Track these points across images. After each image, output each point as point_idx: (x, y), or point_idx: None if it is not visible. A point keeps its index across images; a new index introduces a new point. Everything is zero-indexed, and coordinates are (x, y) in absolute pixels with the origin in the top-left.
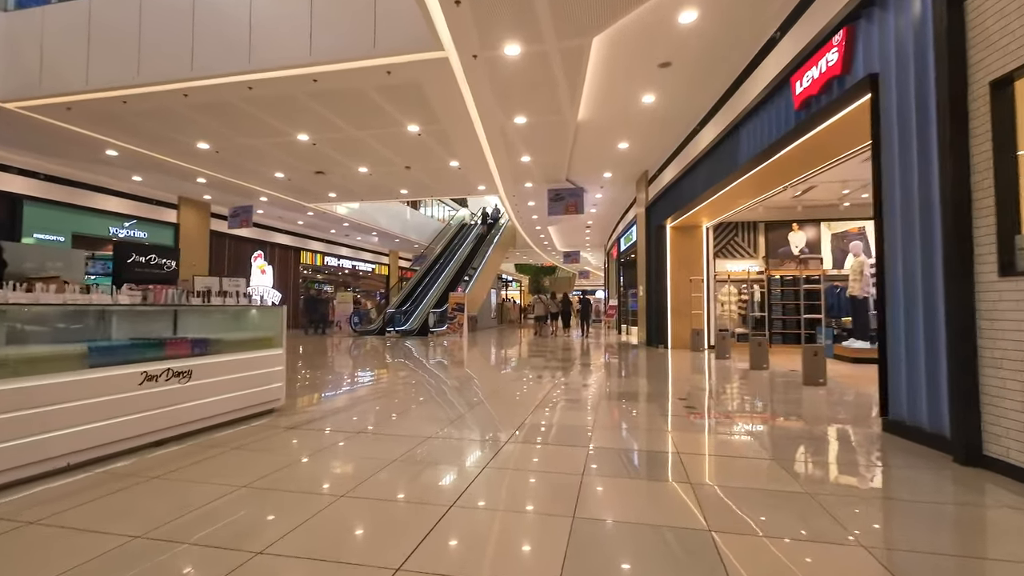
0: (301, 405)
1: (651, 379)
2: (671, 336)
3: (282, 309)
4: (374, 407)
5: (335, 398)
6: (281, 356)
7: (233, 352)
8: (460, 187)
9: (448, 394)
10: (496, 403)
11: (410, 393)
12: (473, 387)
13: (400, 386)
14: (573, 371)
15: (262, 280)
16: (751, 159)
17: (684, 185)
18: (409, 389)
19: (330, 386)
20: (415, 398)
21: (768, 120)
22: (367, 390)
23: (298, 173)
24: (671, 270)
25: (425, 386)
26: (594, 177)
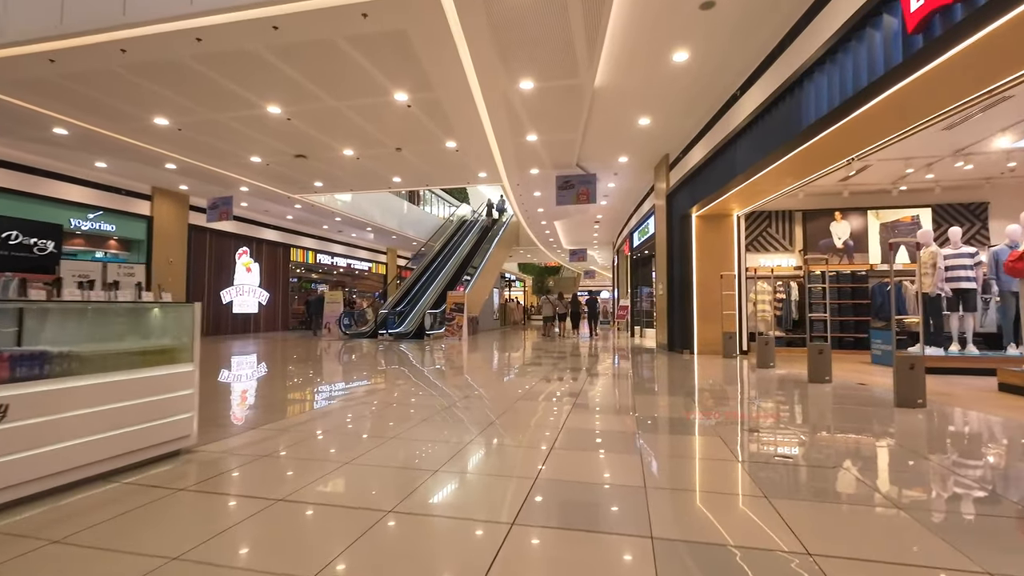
0: (226, 442)
1: (697, 397)
2: (697, 340)
3: (192, 308)
4: (328, 447)
5: (280, 430)
6: (190, 375)
7: (103, 372)
8: (459, 174)
9: (434, 424)
10: (497, 438)
11: (383, 422)
12: (466, 410)
13: (374, 409)
14: (593, 387)
15: (248, 279)
16: (822, 118)
17: (715, 166)
18: (384, 415)
19: (280, 410)
20: (387, 431)
21: (854, 62)
22: (328, 417)
23: (277, 157)
24: (697, 265)
25: (405, 409)
26: (608, 162)
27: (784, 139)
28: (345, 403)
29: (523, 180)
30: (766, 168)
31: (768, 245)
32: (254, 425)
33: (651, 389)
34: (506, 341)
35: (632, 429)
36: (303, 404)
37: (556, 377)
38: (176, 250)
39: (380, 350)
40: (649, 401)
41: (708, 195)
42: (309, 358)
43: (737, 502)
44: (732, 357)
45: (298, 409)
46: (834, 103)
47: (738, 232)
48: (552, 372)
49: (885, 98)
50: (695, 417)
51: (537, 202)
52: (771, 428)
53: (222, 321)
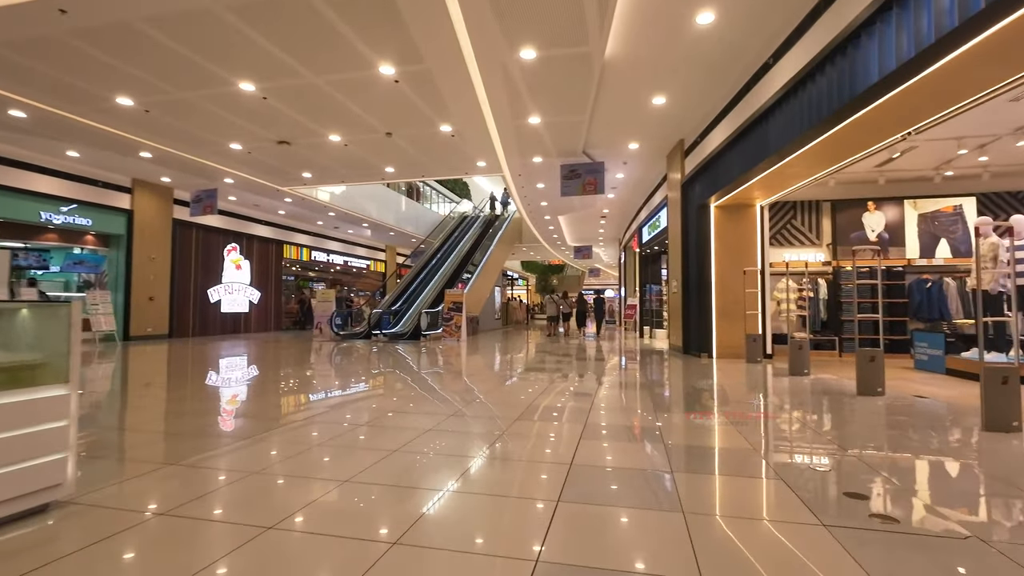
0: (126, 487)
1: (732, 411)
2: (716, 342)
3: (67, 309)
4: (261, 497)
5: (208, 469)
6: (63, 402)
7: None
8: (456, 163)
9: (402, 463)
10: (484, 485)
11: (340, 454)
12: (449, 437)
13: (344, 432)
14: (605, 401)
15: (237, 276)
16: (888, 77)
17: (739, 149)
18: (352, 443)
19: (222, 434)
20: (342, 467)
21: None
22: (282, 443)
23: (258, 144)
24: (716, 260)
25: (375, 434)
26: (617, 149)
27: (831, 109)
28: (302, 426)
29: (525, 170)
30: (803, 147)
31: (793, 238)
32: (181, 458)
33: (676, 405)
34: (507, 342)
35: (662, 467)
36: (255, 425)
37: (561, 388)
38: (159, 246)
39: (371, 353)
40: (677, 424)
41: (729, 182)
42: (290, 362)
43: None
44: (756, 362)
45: (246, 432)
46: (907, 54)
47: (761, 224)
48: (557, 381)
49: (981, 41)
50: (745, 448)
51: (540, 195)
52: (840, 460)
53: (210, 321)
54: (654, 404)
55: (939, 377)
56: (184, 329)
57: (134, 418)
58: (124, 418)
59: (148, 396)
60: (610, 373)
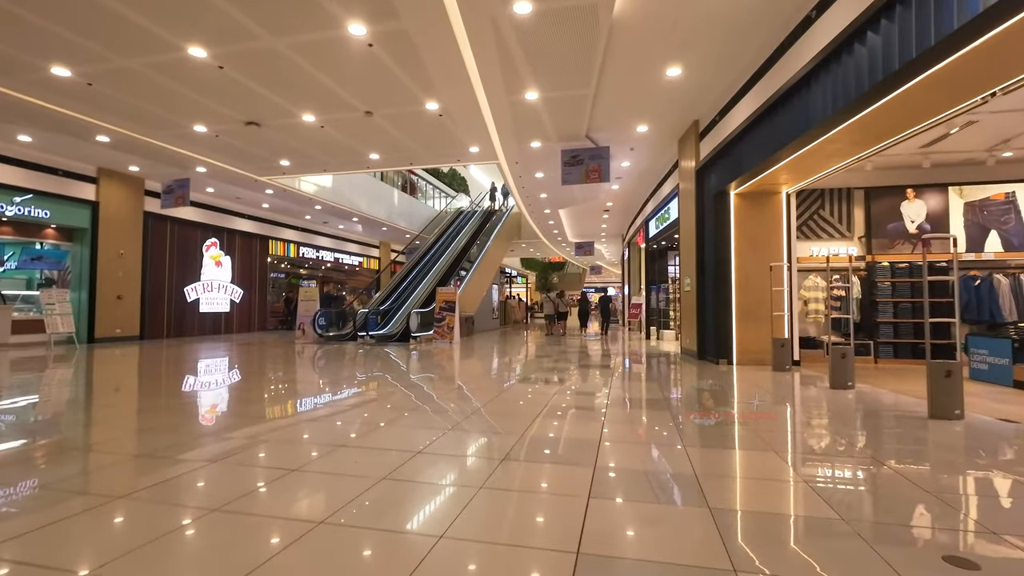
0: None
1: (794, 455)
2: (736, 346)
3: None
4: (210, 537)
5: (137, 508)
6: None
7: None
8: (446, 149)
9: (360, 520)
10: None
11: (277, 493)
12: (419, 489)
13: (313, 461)
14: (619, 429)
15: (218, 274)
16: (990, 9)
17: (767, 126)
18: (293, 479)
19: (160, 458)
20: (277, 510)
21: None
22: (242, 470)
23: (224, 125)
24: (737, 254)
25: (332, 471)
26: (624, 132)
27: (902, 61)
28: (270, 448)
29: (523, 157)
30: (851, 119)
31: (820, 230)
32: (110, 489)
33: (710, 437)
34: (504, 345)
35: (716, 560)
36: (209, 447)
37: (562, 406)
38: (129, 241)
39: (352, 357)
40: (719, 469)
41: (754, 166)
42: (263, 368)
43: None
44: (785, 370)
45: (196, 457)
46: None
47: (788, 214)
48: (556, 396)
49: None
50: (830, 521)
51: (540, 185)
52: (992, 548)
53: (187, 321)
54: (680, 434)
55: (1007, 391)
56: (157, 330)
57: (50, 434)
58: (38, 435)
59: (78, 410)
60: (619, 384)
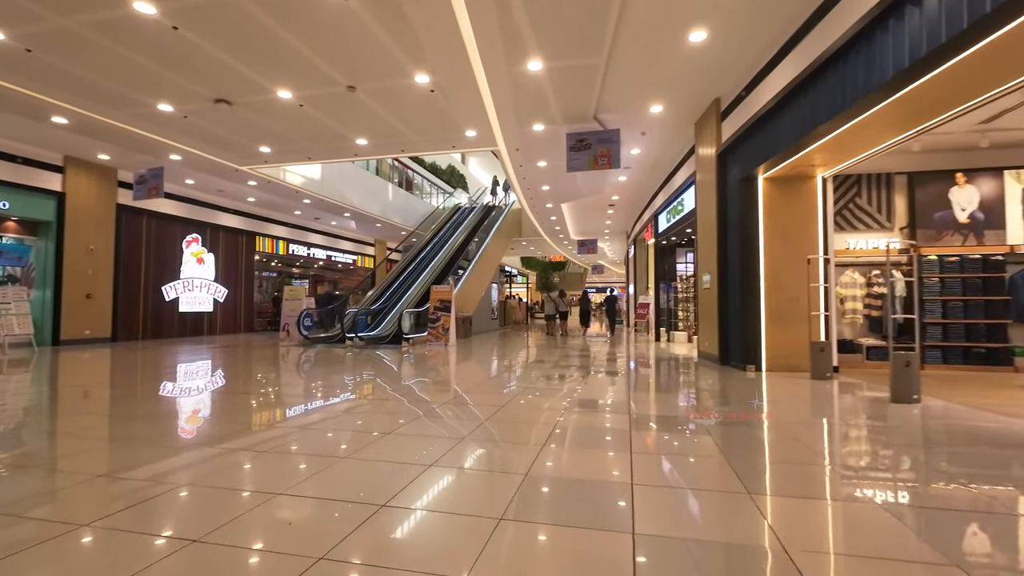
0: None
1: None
2: (766, 351)
3: None
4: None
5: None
6: None
7: None
8: (440, 132)
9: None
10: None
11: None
12: (397, 549)
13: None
14: (647, 465)
15: (199, 271)
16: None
17: (804, 100)
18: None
19: (98, 487)
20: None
21: None
22: (208, 504)
23: (192, 105)
24: (766, 246)
25: (286, 514)
26: (635, 114)
27: (968, 21)
28: (238, 472)
29: (524, 142)
30: (909, 85)
31: (857, 220)
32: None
33: (779, 469)
34: (503, 347)
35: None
36: (163, 474)
37: (575, 427)
38: (100, 235)
39: (339, 361)
40: (805, 520)
41: (788, 145)
42: (240, 374)
43: None
44: (825, 378)
45: (140, 490)
46: None
47: (824, 201)
48: (567, 413)
49: None
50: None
51: (542, 176)
52: None
53: (165, 322)
54: (737, 474)
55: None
56: (131, 331)
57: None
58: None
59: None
60: (640, 397)
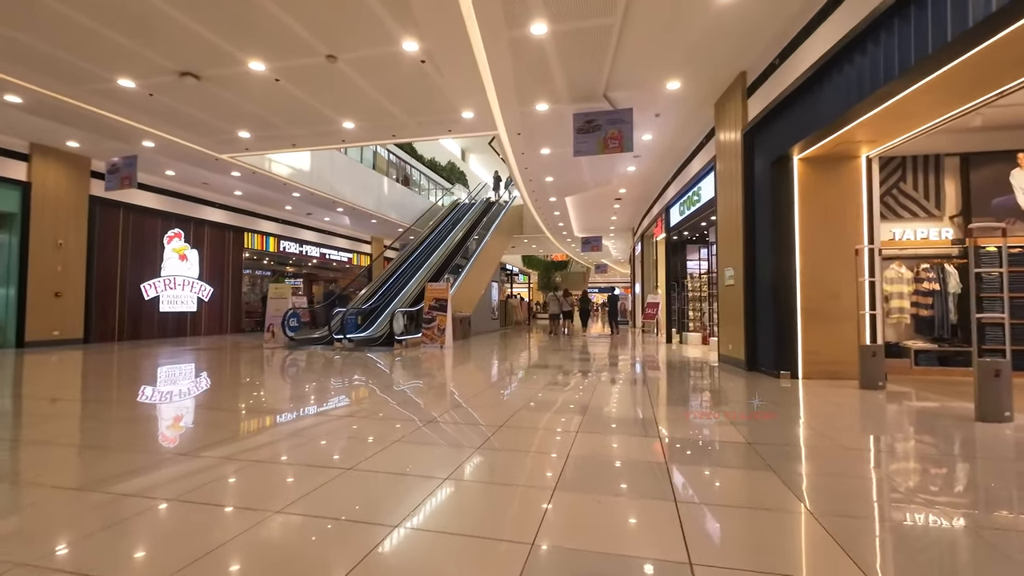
0: None
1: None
2: (803, 355)
3: None
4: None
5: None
6: None
7: None
8: (433, 112)
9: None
10: None
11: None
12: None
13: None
14: (727, 533)
15: (182, 269)
16: None
17: (850, 66)
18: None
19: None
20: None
21: None
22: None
23: (155, 78)
24: (802, 236)
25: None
26: (650, 91)
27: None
28: (200, 502)
29: (527, 126)
30: (981, 44)
31: (902, 208)
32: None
33: (908, 535)
34: (503, 350)
35: None
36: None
37: (595, 463)
38: (70, 229)
39: (324, 365)
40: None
41: (831, 120)
42: (215, 381)
43: None
44: (877, 388)
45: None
46: None
47: (869, 184)
48: (575, 434)
49: None
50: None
51: (546, 166)
52: None
53: (143, 322)
54: (817, 539)
55: None
56: (106, 332)
57: None
58: None
59: None
60: (667, 415)
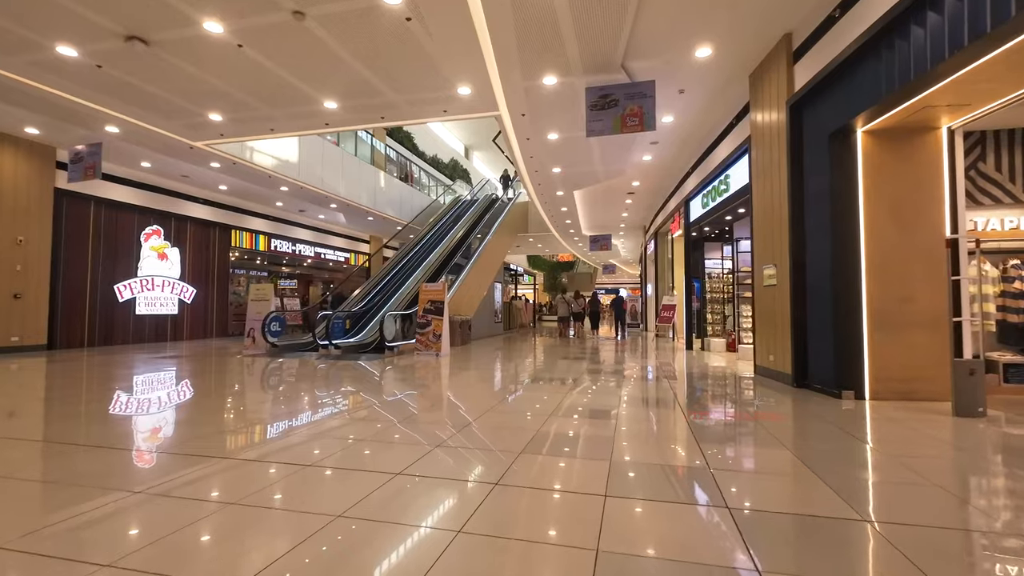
0: None
1: None
2: (870, 370)
3: None
4: None
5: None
6: None
7: None
8: (424, 89)
9: None
10: None
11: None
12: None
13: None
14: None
15: (161, 269)
16: None
17: (934, 15)
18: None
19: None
20: None
21: None
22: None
23: (97, 42)
24: (868, 225)
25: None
26: (675, 60)
27: None
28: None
29: (532, 104)
30: None
31: (981, 193)
32: None
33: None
34: (507, 359)
35: None
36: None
37: (628, 539)
38: (31, 225)
39: (297, 376)
40: None
41: (911, 79)
42: (168, 396)
43: None
44: (976, 415)
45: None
46: None
47: (951, 161)
48: (604, 494)
49: None
50: None
51: (553, 154)
52: None
53: (117, 326)
54: None
55: None
56: (74, 338)
57: None
58: None
59: None
60: (720, 457)
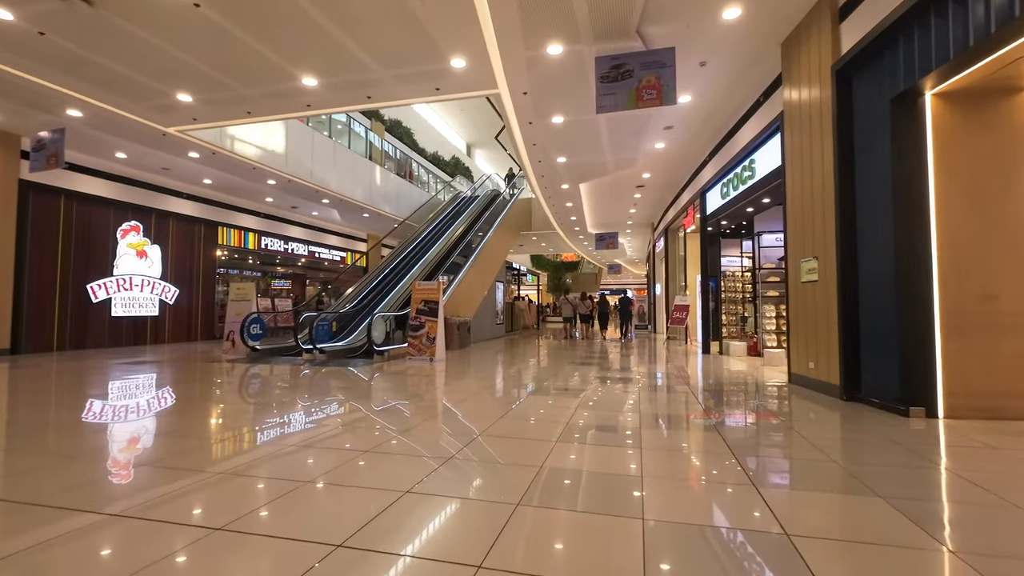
0: None
1: None
2: (943, 383)
3: None
4: None
5: None
6: None
7: None
8: (414, 62)
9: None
10: None
11: None
12: None
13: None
14: None
15: (139, 267)
16: None
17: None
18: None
19: None
20: None
21: None
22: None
23: (33, 3)
24: (939, 208)
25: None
26: (697, 24)
27: None
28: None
29: (534, 81)
30: None
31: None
32: None
33: None
34: (509, 364)
35: None
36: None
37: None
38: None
39: (283, 385)
40: None
41: (997, 27)
42: (126, 411)
43: None
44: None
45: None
46: None
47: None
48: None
49: None
50: None
51: (557, 140)
52: None
53: (91, 329)
54: None
55: None
56: (42, 341)
57: None
58: None
59: None
60: (784, 502)
